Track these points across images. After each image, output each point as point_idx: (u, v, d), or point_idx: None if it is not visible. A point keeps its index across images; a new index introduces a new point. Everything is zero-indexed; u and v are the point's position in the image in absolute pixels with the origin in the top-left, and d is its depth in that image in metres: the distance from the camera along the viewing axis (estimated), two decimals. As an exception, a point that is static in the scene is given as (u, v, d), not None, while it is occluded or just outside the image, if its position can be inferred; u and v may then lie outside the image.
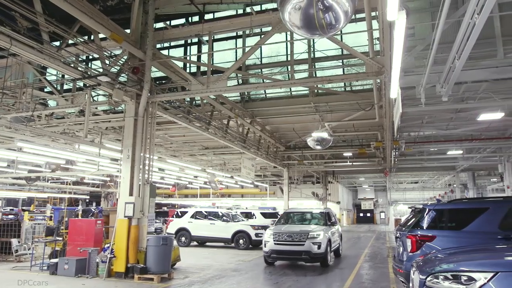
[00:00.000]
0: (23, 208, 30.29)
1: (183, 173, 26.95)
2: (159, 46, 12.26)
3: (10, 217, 19.60)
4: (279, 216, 15.79)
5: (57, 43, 9.12)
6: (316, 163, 25.95)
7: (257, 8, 10.41)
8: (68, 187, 28.38)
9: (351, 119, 14.76)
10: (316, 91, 14.11)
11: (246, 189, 38.83)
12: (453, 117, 14.56)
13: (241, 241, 17.05)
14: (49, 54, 8.10)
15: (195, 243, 18.71)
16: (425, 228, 6.79)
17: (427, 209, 7.02)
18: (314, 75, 12.20)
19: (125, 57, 10.40)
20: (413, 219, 7.39)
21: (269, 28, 9.85)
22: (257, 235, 16.83)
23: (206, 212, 18.98)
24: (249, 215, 22.57)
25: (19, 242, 12.66)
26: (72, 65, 8.93)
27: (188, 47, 13.75)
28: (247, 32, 12.27)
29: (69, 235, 10.69)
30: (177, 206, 35.33)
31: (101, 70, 9.63)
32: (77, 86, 11.78)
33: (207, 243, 18.77)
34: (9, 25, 7.48)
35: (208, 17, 11.41)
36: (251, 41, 12.43)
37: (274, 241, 11.26)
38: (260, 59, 13.70)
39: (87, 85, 9.53)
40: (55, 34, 8.56)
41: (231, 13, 11.29)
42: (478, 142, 18.74)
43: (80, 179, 27.77)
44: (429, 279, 4.24)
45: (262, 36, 11.10)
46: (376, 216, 58.41)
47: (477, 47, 7.08)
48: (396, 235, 7.87)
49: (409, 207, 8.84)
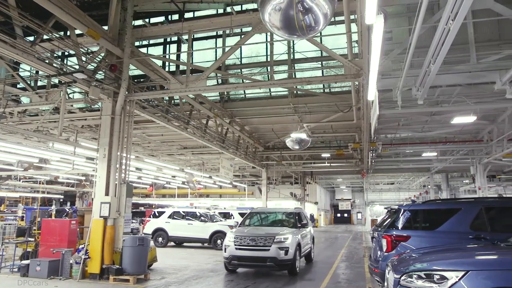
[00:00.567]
0: (-7, 208, 29.30)
1: (161, 172, 26.68)
2: (137, 43, 12.10)
3: (-21, 217, 18.94)
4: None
5: (31, 38, 8.87)
6: (294, 164, 26.11)
7: (237, 8, 10.39)
8: (41, 187, 27.62)
9: (329, 120, 14.93)
10: (295, 92, 14.20)
11: (224, 189, 38.75)
12: (428, 120, 14.94)
13: (219, 242, 16.96)
14: (22, 49, 7.86)
15: (173, 243, 18.52)
16: (400, 228, 6.93)
17: (402, 210, 7.17)
18: (293, 76, 12.28)
19: (103, 54, 10.21)
20: (389, 220, 7.52)
21: (250, 28, 9.85)
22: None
23: (183, 212, 18.82)
24: (227, 216, 22.52)
25: (-12, 243, 12.24)
26: (46, 61, 8.70)
27: (167, 46, 13.61)
28: (227, 32, 12.25)
29: (41, 236, 10.40)
30: (154, 206, 34.93)
31: (77, 67, 9.41)
32: (52, 83, 11.50)
33: (185, 244, 18.62)
34: (-20, 19, 7.23)
35: (188, 15, 11.32)
36: (231, 41, 12.41)
37: (235, 245, 9.96)
38: (240, 59, 13.69)
39: (63, 82, 9.30)
40: (29, 28, 8.32)
41: (212, 12, 11.24)
42: (451, 144, 19.27)
43: (54, 178, 27.06)
44: (403, 278, 4.33)
45: (242, 36, 11.10)
46: (353, 216, 59.23)
47: (451, 52, 7.28)
48: (372, 235, 8.00)
49: (385, 208, 9.01)
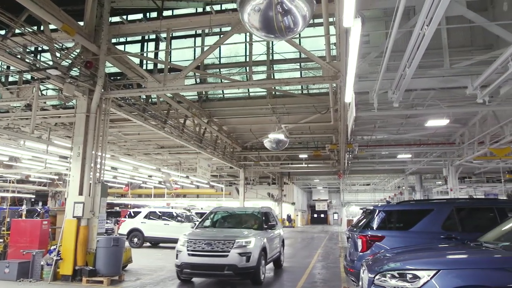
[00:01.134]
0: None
1: (137, 172, 26.32)
2: (114, 41, 11.88)
3: None
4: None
5: (3, 32, 8.58)
6: (272, 164, 26.22)
7: (217, 7, 10.35)
8: (11, 186, 26.73)
9: (307, 121, 15.06)
10: (273, 92, 14.26)
11: (201, 189, 38.54)
12: (403, 123, 15.26)
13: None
14: (-7, 43, 7.60)
15: (148, 244, 18.26)
16: (375, 228, 7.04)
17: (377, 211, 7.29)
18: (272, 77, 12.32)
19: (78, 51, 9.98)
20: (364, 220, 7.64)
21: (229, 28, 9.83)
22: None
23: (160, 212, 18.60)
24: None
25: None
26: (18, 56, 8.43)
27: (145, 44, 13.44)
28: (207, 31, 12.18)
29: (11, 237, 10.06)
30: (130, 206, 34.38)
31: (51, 63, 9.16)
32: (24, 78, 11.14)
33: (161, 244, 18.38)
34: None
35: (167, 13, 11.21)
36: (210, 40, 12.35)
37: (188, 251, 8.57)
38: (219, 59, 13.65)
39: (35, 78, 9.03)
40: (1, 22, 8.05)
41: (191, 11, 11.17)
42: (425, 146, 19.76)
43: (25, 177, 26.25)
44: (377, 277, 4.40)
45: (221, 35, 11.07)
46: (329, 217, 59.90)
47: (426, 57, 7.45)
48: (348, 235, 8.11)
49: (361, 209, 9.14)
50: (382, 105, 10.66)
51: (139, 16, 11.32)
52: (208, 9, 10.30)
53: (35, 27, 9.79)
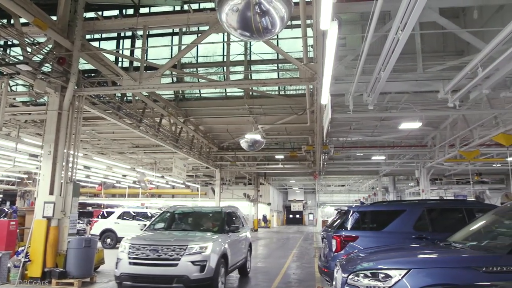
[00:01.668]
0: None
1: (111, 171, 25.83)
2: (89, 37, 11.61)
3: None
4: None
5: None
6: (248, 165, 26.22)
7: (195, 6, 10.27)
8: (-23, 185, 25.77)
9: (284, 122, 15.13)
10: (251, 93, 14.26)
11: (177, 189, 38.16)
12: (378, 125, 15.57)
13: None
14: (-41, 36, 7.29)
15: (122, 245, 17.93)
16: (349, 229, 7.15)
17: (351, 211, 7.41)
18: (249, 77, 12.33)
19: (50, 46, 9.70)
20: (339, 221, 7.74)
21: (207, 27, 9.77)
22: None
23: (134, 212, 18.30)
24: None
25: None
26: (-13, 50, 8.12)
27: (121, 41, 13.19)
28: (184, 30, 12.06)
29: (-24, 238, 9.69)
30: (103, 206, 33.67)
31: (22, 57, 8.87)
32: (-8, 73, 10.73)
33: (134, 245, 18.08)
34: None
35: (143, 11, 11.04)
36: (188, 39, 12.25)
37: (129, 258, 7.16)
38: (196, 58, 13.54)
39: (4, 73, 8.71)
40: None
41: (168, 9, 11.03)
42: (398, 149, 20.22)
43: (-8, 176, 25.34)
44: (350, 277, 4.46)
45: (199, 35, 10.98)
46: (305, 217, 60.41)
47: (400, 61, 7.63)
48: (322, 235, 8.19)
49: (336, 209, 9.25)
50: (357, 108, 10.84)
51: (115, 12, 11.08)
52: (186, 7, 10.21)
53: (5, 20, 9.45)
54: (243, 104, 14.44)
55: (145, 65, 10.43)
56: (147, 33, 10.67)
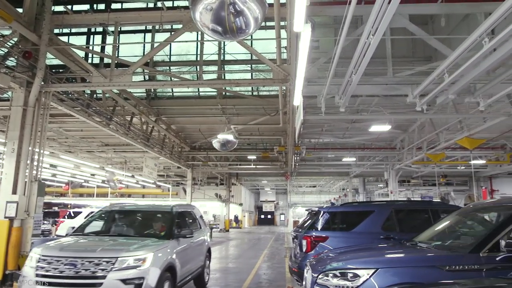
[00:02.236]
0: None
1: (79, 170, 25.15)
2: (57, 31, 11.22)
3: None
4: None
5: None
6: (220, 165, 26.12)
7: (168, 3, 10.15)
8: None
9: (256, 123, 15.16)
10: (224, 93, 14.21)
11: (147, 189, 37.59)
12: (349, 127, 15.85)
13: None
14: None
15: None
16: (319, 229, 7.24)
17: (322, 212, 7.50)
18: (222, 77, 12.28)
19: (16, 39, 9.32)
20: (310, 221, 7.83)
21: (180, 25, 9.66)
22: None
23: (102, 212, 17.81)
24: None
25: None
26: None
27: (91, 36, 12.85)
28: (157, 27, 11.88)
29: None
30: (70, 206, 32.75)
31: (-16, 51, 8.50)
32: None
33: (103, 246, 17.64)
34: None
35: (115, 6, 10.78)
36: (161, 37, 12.07)
37: (37, 276, 5.42)
38: (169, 56, 13.37)
39: (-35, 66, 8.33)
40: None
41: (141, 5, 10.81)
42: (369, 151, 20.64)
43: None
44: (320, 277, 4.51)
45: (172, 33, 10.84)
46: (276, 218, 60.73)
47: (371, 65, 7.78)
48: (293, 236, 8.26)
49: (306, 210, 9.35)
50: (329, 110, 10.98)
51: (86, 7, 10.77)
52: (159, 4, 10.06)
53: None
54: (216, 104, 14.36)
55: (116, 62, 10.19)
56: (119, 30, 10.44)
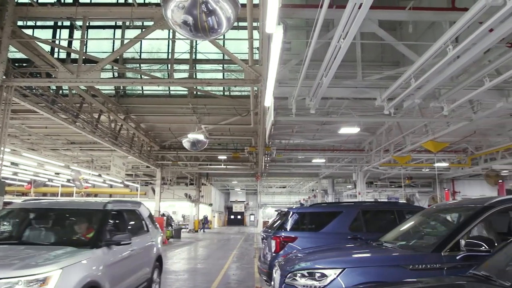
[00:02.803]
0: None
1: (42, 169, 24.25)
2: (21, 23, 10.78)
3: None
4: None
5: None
6: (190, 165, 25.86)
7: (140, 0, 9.95)
8: None
9: (227, 123, 15.11)
10: (195, 92, 14.08)
11: (115, 189, 36.70)
12: (319, 129, 16.06)
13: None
14: None
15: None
16: (288, 230, 7.29)
17: (291, 212, 7.56)
18: (194, 77, 12.16)
19: (-24, 31, 8.89)
20: (279, 222, 7.87)
21: (151, 22, 9.49)
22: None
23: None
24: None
25: None
26: None
27: (57, 30, 12.42)
28: (127, 23, 11.64)
29: None
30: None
31: None
32: None
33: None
34: None
35: (84, 0, 10.48)
36: (131, 34, 11.79)
37: None
38: (139, 53, 13.12)
39: None
40: None
41: (111, 0, 10.57)
42: (338, 152, 20.98)
43: None
44: (288, 276, 4.54)
45: (143, 30, 10.64)
46: (246, 218, 60.82)
47: (341, 68, 7.91)
48: (263, 236, 8.28)
49: (276, 210, 9.40)
50: (300, 111, 11.08)
51: (52, -1, 10.42)
52: (130, 0, 9.86)
53: None
54: (186, 103, 14.21)
55: (84, 57, 9.89)
56: (87, 24, 10.15)
